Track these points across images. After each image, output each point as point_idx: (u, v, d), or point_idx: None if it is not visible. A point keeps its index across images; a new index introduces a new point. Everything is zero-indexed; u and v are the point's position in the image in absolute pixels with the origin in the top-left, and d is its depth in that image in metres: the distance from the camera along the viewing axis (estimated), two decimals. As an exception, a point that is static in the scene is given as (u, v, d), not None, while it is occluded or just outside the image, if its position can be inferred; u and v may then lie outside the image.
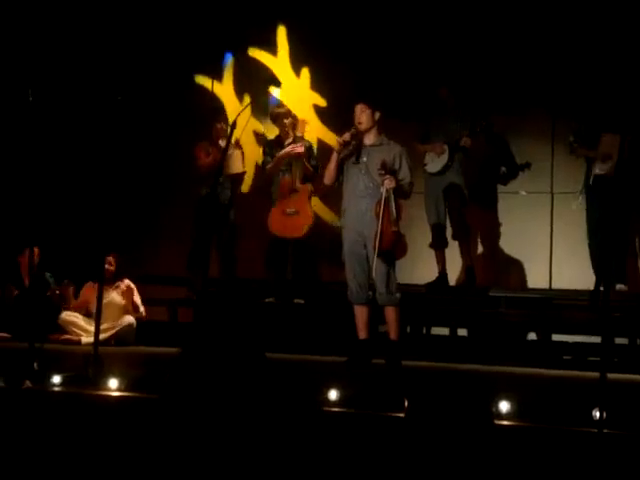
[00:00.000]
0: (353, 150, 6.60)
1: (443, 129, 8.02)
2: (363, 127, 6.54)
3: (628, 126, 7.45)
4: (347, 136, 6.53)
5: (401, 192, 6.51)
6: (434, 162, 8.00)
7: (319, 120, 9.07)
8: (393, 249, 6.43)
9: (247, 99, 9.18)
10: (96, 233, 6.74)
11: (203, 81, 9.62)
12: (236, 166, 8.33)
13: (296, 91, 9.18)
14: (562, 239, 8.36)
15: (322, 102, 9.08)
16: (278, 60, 9.38)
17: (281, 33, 9.34)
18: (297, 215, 7.90)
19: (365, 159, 6.55)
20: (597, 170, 7.53)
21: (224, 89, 9.55)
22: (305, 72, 9.28)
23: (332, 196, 7.83)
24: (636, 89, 7.68)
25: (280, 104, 8.47)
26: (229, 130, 7.68)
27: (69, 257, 8.62)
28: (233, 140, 7.86)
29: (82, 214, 8.98)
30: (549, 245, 8.43)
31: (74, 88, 9.39)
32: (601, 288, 7.24)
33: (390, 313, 6.51)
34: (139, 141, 9.15)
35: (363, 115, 6.53)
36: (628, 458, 4.07)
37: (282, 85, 9.01)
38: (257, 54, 9.42)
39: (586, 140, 7.62)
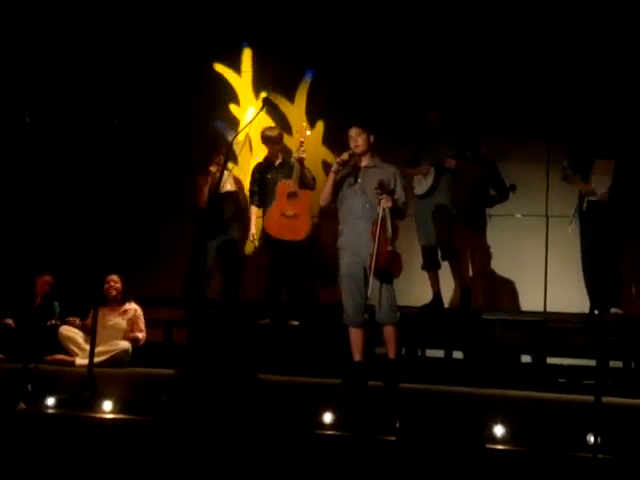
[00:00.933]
0: (350, 171, 6.65)
1: (432, 152, 8.03)
2: (359, 150, 6.61)
3: (619, 151, 7.49)
4: (346, 156, 6.58)
5: (397, 212, 6.55)
6: (421, 184, 8.05)
7: (325, 173, 8.92)
8: (389, 268, 6.45)
9: (263, 95, 9.17)
10: (93, 255, 6.74)
11: (222, 70, 9.67)
12: (223, 184, 8.28)
13: (307, 142, 9.06)
14: (557, 262, 8.39)
15: (332, 158, 9.03)
16: (294, 107, 9.42)
17: (303, 90, 9.41)
18: (297, 218, 7.91)
19: (360, 181, 6.61)
20: (590, 196, 7.57)
21: (242, 81, 9.62)
22: (320, 125, 9.30)
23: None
24: (630, 115, 7.73)
25: (273, 127, 8.49)
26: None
27: (75, 280, 8.58)
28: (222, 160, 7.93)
29: (78, 235, 8.99)
30: (544, 268, 8.46)
31: (71, 110, 9.41)
32: (596, 311, 7.27)
33: (389, 332, 6.51)
34: (138, 161, 9.17)
35: (359, 139, 6.60)
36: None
37: (293, 133, 9.11)
38: (275, 98, 9.40)
39: (580, 166, 7.65)
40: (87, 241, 8.40)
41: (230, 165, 8.73)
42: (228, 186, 8.31)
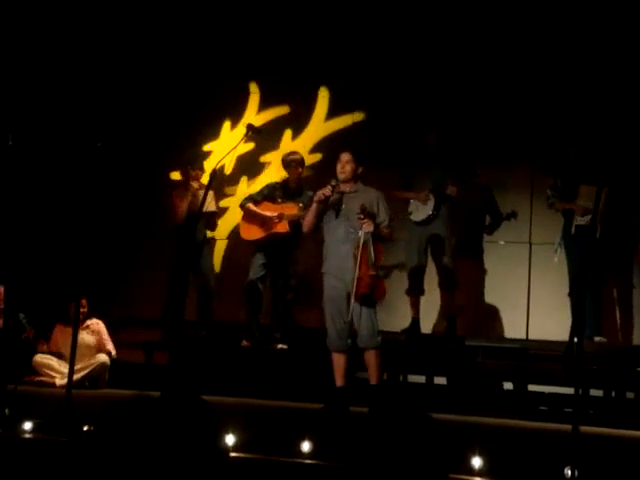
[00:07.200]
0: (335, 198, 6.61)
1: (427, 176, 7.95)
2: (343, 177, 6.60)
3: (605, 178, 7.49)
4: (328, 191, 6.53)
5: (381, 236, 6.54)
6: (419, 210, 7.93)
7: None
8: (371, 293, 6.43)
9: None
10: (71, 276, 6.71)
11: (254, 91, 9.62)
12: (207, 204, 8.23)
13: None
14: (540, 289, 8.40)
15: None
16: (321, 125, 9.42)
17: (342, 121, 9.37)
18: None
19: (344, 206, 6.59)
20: (579, 220, 7.57)
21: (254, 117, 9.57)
22: (316, 157, 9.25)
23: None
24: (613, 143, 7.77)
25: (295, 152, 8.33)
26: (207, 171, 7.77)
27: (40, 298, 8.54)
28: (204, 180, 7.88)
29: (58, 256, 8.96)
30: (526, 295, 8.47)
31: (54, 132, 9.39)
32: (575, 339, 7.26)
33: (371, 356, 6.48)
34: (117, 183, 9.15)
35: (348, 166, 6.59)
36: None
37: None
38: (322, 92, 9.40)
39: (563, 193, 7.67)
40: (61, 260, 8.42)
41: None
42: (210, 206, 8.25)
